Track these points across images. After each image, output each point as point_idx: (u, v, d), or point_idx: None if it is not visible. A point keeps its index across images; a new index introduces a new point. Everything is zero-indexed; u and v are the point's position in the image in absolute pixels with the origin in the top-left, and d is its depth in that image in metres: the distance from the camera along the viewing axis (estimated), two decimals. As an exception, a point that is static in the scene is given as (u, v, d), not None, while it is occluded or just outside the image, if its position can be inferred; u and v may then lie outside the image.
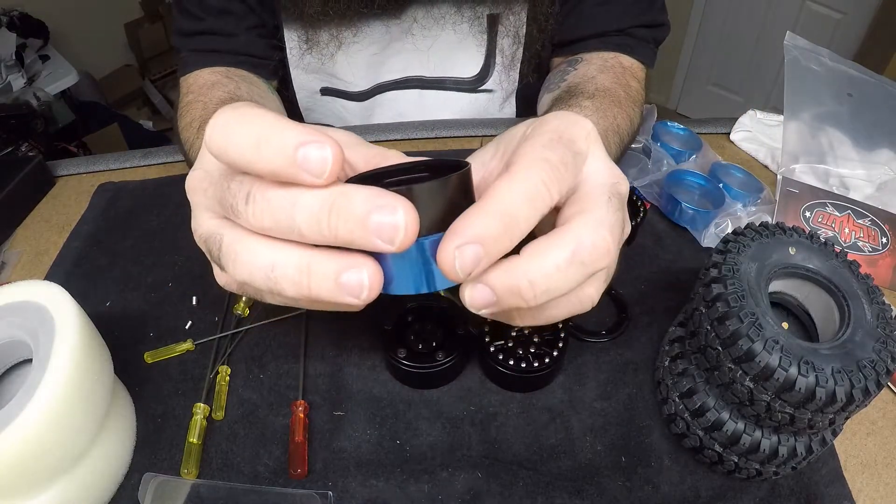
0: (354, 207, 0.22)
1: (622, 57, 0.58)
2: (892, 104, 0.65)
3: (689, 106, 2.58)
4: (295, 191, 0.23)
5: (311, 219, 0.23)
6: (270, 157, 0.22)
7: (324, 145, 0.22)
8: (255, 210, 0.24)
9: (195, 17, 0.60)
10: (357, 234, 0.22)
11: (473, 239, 0.23)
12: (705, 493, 0.38)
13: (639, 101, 0.55)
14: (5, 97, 1.61)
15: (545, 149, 0.27)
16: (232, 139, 0.23)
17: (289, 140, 0.22)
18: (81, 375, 0.33)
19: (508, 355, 0.41)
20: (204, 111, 0.50)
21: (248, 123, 0.23)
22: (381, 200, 0.22)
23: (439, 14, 0.61)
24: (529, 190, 0.25)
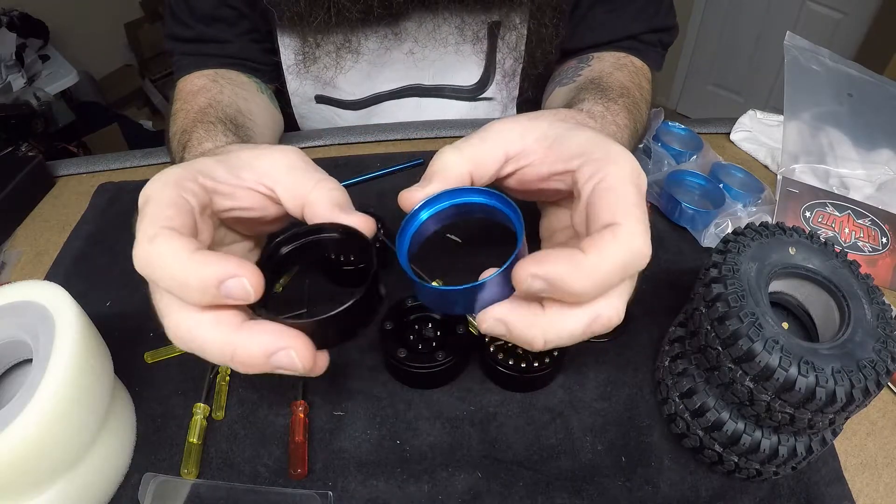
0: (253, 357, 0.25)
1: (633, 58, 0.59)
2: (892, 104, 0.65)
3: (689, 106, 2.58)
4: (196, 331, 0.26)
5: (218, 360, 0.26)
6: (196, 297, 0.25)
7: (239, 277, 0.24)
8: (171, 335, 0.27)
9: (186, 24, 0.59)
10: (265, 370, 0.25)
11: (551, 278, 0.24)
12: (705, 493, 0.38)
13: (649, 102, 0.56)
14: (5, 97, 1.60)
15: (643, 213, 0.27)
16: (157, 275, 0.26)
17: (209, 279, 0.24)
18: (81, 375, 0.33)
19: (508, 355, 0.41)
20: (184, 120, 0.50)
21: (168, 262, 0.25)
22: (276, 344, 0.25)
23: (439, 36, 0.60)
24: (632, 259, 0.26)
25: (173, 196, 0.28)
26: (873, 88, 0.66)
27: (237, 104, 0.54)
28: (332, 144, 0.66)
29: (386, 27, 0.59)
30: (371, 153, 0.64)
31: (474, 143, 0.31)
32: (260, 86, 0.62)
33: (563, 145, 0.30)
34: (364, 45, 0.60)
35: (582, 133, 0.31)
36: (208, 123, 0.48)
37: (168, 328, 0.26)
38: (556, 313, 0.26)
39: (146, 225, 0.26)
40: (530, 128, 0.31)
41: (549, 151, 0.30)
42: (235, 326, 0.25)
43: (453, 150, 0.30)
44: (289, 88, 0.65)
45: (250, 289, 0.25)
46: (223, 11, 0.58)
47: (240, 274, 0.25)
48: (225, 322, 0.26)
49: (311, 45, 0.59)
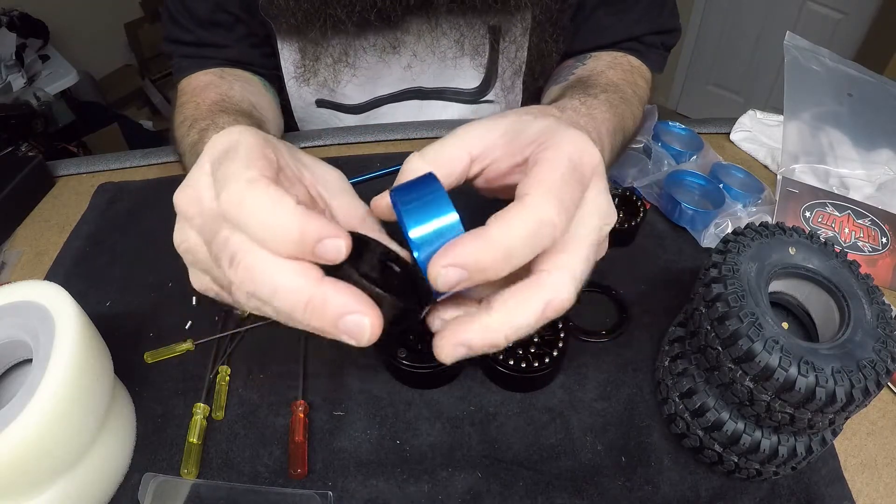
0: (328, 311, 0.24)
1: (630, 57, 0.58)
2: (892, 104, 0.65)
3: (689, 106, 2.58)
4: (276, 276, 0.25)
5: (286, 307, 0.25)
6: (281, 243, 0.24)
7: (336, 241, 0.24)
8: (237, 277, 0.25)
9: (185, 28, 0.59)
10: (328, 329, 0.25)
11: (462, 263, 0.24)
12: (705, 493, 0.38)
13: (644, 100, 0.55)
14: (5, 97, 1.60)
15: (562, 184, 0.26)
16: (249, 219, 0.25)
17: (305, 232, 0.24)
18: (81, 375, 0.33)
19: (508, 355, 0.41)
20: (196, 110, 0.49)
21: (268, 208, 0.24)
22: (354, 307, 0.24)
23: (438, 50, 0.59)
24: (537, 229, 0.25)
25: (263, 148, 0.27)
26: (873, 88, 0.66)
27: (249, 99, 0.54)
28: (332, 144, 0.66)
29: (384, 40, 0.58)
30: (371, 153, 0.64)
31: (436, 147, 0.31)
32: (265, 84, 0.62)
33: (520, 136, 0.30)
34: (362, 59, 0.60)
35: (540, 122, 0.30)
36: (233, 113, 0.47)
37: (240, 266, 0.25)
38: (506, 310, 0.26)
39: (239, 167, 0.25)
40: (492, 126, 0.31)
41: (509, 145, 0.30)
42: (317, 279, 0.25)
43: (417, 155, 0.30)
44: (289, 93, 0.65)
45: (344, 252, 0.24)
46: (220, 17, 0.58)
47: (340, 236, 0.24)
48: (307, 273, 0.25)
49: (310, 57, 0.59)
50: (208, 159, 0.28)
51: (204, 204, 0.27)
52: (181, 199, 0.28)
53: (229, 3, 0.57)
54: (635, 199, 0.54)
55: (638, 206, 0.54)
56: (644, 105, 0.56)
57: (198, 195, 0.27)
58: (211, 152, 0.28)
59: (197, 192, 0.27)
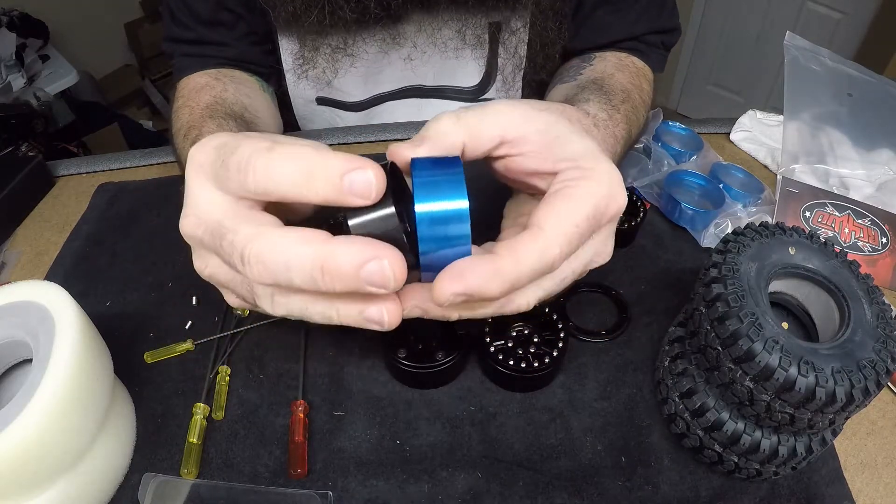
0: (343, 266, 0.24)
1: (635, 59, 0.58)
2: (892, 104, 0.65)
3: (689, 106, 2.58)
4: (284, 251, 0.25)
5: (307, 279, 0.25)
6: (320, 187, 0.24)
7: (365, 170, 0.24)
8: (253, 272, 0.25)
9: (186, 27, 0.59)
10: (353, 286, 0.24)
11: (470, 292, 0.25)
12: (705, 493, 0.38)
13: (648, 105, 0.56)
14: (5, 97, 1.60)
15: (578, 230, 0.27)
16: (281, 177, 0.25)
17: (333, 170, 0.24)
18: (81, 375, 0.33)
19: (508, 355, 0.41)
20: (191, 116, 0.50)
21: (294, 159, 0.25)
22: (370, 252, 0.24)
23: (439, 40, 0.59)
24: (542, 265, 0.26)
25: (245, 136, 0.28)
26: (873, 88, 0.66)
27: (242, 101, 0.54)
28: (333, 144, 0.66)
29: (384, 30, 0.58)
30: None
31: (474, 115, 0.30)
32: (262, 84, 0.62)
33: (562, 147, 0.30)
34: (362, 49, 0.60)
35: (583, 141, 0.30)
36: (219, 118, 0.47)
37: (252, 257, 0.25)
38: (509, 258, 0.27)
39: (252, 145, 0.26)
40: (533, 117, 0.31)
41: (547, 149, 0.30)
42: (324, 239, 0.25)
43: (451, 116, 0.30)
44: (290, 90, 0.65)
45: (374, 183, 0.24)
46: (222, 15, 0.58)
47: (367, 167, 0.24)
48: (312, 238, 0.25)
49: (309, 48, 0.59)
50: (196, 172, 0.28)
51: (204, 218, 0.28)
52: (185, 227, 0.29)
53: (230, 1, 0.57)
54: (635, 199, 0.54)
55: (638, 206, 0.54)
56: (648, 109, 0.56)
57: (197, 214, 0.28)
58: (197, 165, 0.28)
59: (196, 211, 0.28)
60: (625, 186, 0.30)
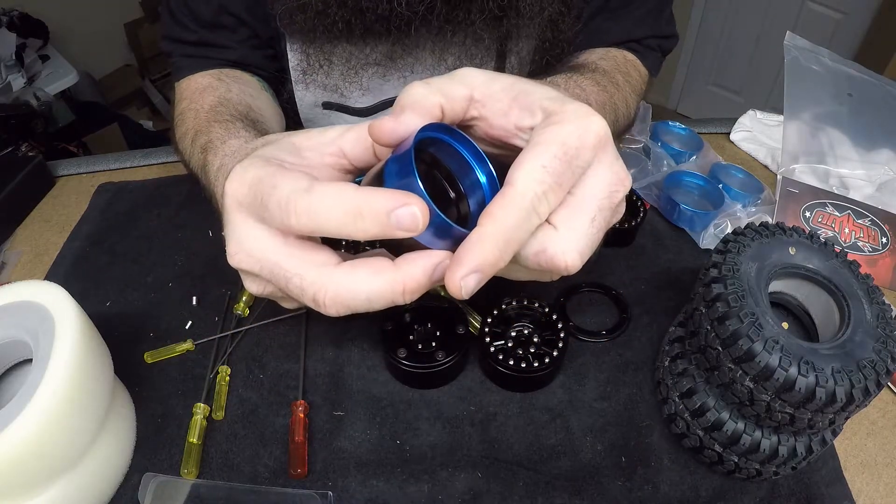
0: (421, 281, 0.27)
1: (625, 52, 0.59)
2: (892, 104, 0.65)
3: (689, 106, 2.58)
4: (363, 287, 0.27)
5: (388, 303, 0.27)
6: (369, 227, 0.25)
7: (411, 206, 0.25)
8: (331, 311, 0.28)
9: (187, 28, 0.59)
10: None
11: (475, 268, 0.26)
12: (705, 493, 0.38)
13: (638, 91, 0.55)
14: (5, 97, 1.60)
15: (546, 168, 0.27)
16: (327, 220, 0.26)
17: (380, 209, 0.25)
18: (81, 375, 0.33)
19: (508, 355, 0.41)
20: (196, 120, 0.49)
21: (337, 201, 0.26)
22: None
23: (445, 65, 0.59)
24: (523, 215, 0.27)
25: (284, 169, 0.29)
26: (873, 88, 0.66)
27: (246, 101, 0.54)
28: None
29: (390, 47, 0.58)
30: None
31: (441, 78, 0.31)
32: (262, 84, 0.62)
33: (528, 97, 0.30)
34: (366, 65, 0.60)
35: (545, 89, 0.31)
36: (226, 122, 0.47)
37: (328, 301, 0.27)
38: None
39: (290, 185, 0.27)
40: (497, 77, 0.31)
41: (514, 102, 0.31)
42: (392, 267, 0.27)
43: (420, 83, 0.30)
44: (295, 94, 0.65)
45: (420, 216, 0.25)
46: (224, 19, 0.58)
47: (410, 203, 0.25)
48: (382, 269, 0.27)
49: (314, 63, 0.59)
50: (236, 208, 0.29)
51: (258, 256, 0.29)
52: (238, 264, 0.30)
53: (233, 6, 0.57)
54: (635, 200, 0.54)
55: (637, 207, 0.54)
56: (639, 95, 0.56)
57: (248, 251, 0.29)
58: (235, 201, 0.29)
59: (246, 248, 0.29)
60: None
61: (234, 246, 0.30)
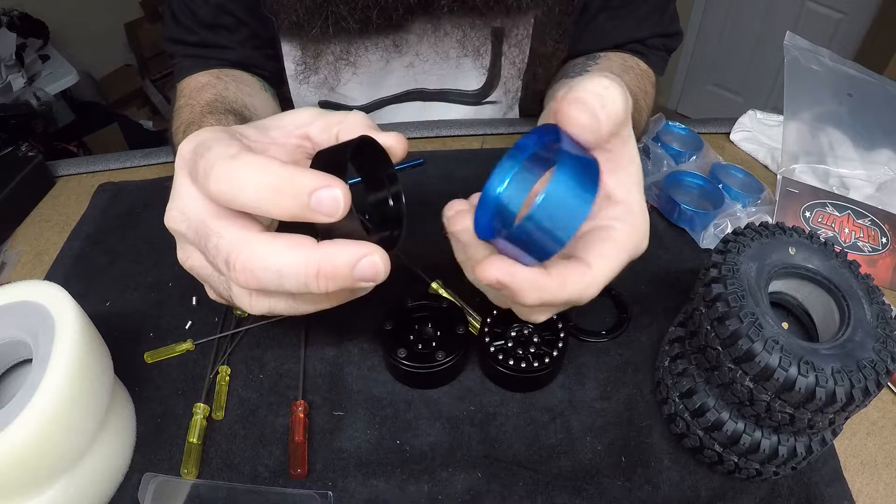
0: (340, 269, 0.25)
1: (639, 60, 0.59)
2: (892, 104, 0.65)
3: (689, 106, 2.58)
4: (276, 260, 0.25)
5: (300, 285, 0.25)
6: (286, 204, 0.24)
7: (333, 188, 0.24)
8: (239, 279, 0.26)
9: (188, 29, 0.59)
10: (346, 285, 0.25)
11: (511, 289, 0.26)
12: (705, 493, 0.38)
13: (650, 108, 0.56)
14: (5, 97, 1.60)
15: (616, 269, 0.29)
16: (243, 189, 0.25)
17: (302, 187, 0.24)
18: (81, 375, 0.33)
19: (508, 355, 0.41)
20: (191, 113, 0.50)
21: (258, 171, 0.25)
22: (361, 251, 0.25)
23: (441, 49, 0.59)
24: (581, 296, 0.28)
25: (229, 137, 0.28)
26: (873, 88, 0.66)
27: (243, 100, 0.54)
28: (332, 144, 0.66)
29: (386, 39, 0.58)
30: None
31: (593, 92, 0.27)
32: (263, 83, 0.62)
33: (626, 172, 0.30)
34: (364, 58, 0.60)
35: (638, 175, 0.31)
36: (219, 114, 0.48)
37: (238, 264, 0.25)
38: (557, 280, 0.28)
39: (219, 150, 0.26)
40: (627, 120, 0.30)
41: (618, 164, 0.30)
42: (313, 245, 0.25)
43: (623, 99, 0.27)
44: (292, 94, 0.65)
45: (341, 201, 0.24)
46: (224, 19, 0.58)
47: (333, 185, 0.24)
48: (301, 244, 0.25)
49: (311, 55, 0.59)
50: (181, 167, 0.28)
51: (189, 214, 0.28)
52: (169, 221, 0.29)
53: (233, 6, 0.57)
54: (635, 199, 0.54)
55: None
56: (650, 114, 0.56)
57: (181, 208, 0.28)
58: (181, 160, 0.28)
59: (180, 206, 0.28)
60: None
61: (171, 202, 0.29)
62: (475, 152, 0.65)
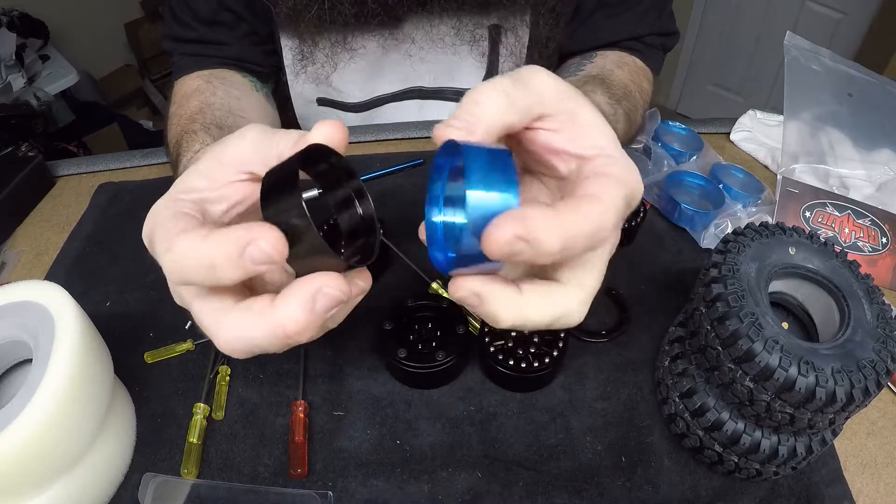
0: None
1: (635, 58, 0.59)
2: (892, 104, 0.65)
3: (689, 106, 2.58)
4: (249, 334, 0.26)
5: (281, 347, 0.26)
6: (229, 274, 0.24)
7: (257, 242, 0.24)
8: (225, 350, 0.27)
9: (187, 26, 0.59)
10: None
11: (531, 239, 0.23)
12: (705, 493, 0.38)
13: (647, 104, 0.56)
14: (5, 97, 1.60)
15: (623, 205, 0.27)
16: (188, 274, 0.26)
17: (229, 253, 0.24)
18: (81, 375, 0.33)
19: (508, 355, 0.41)
20: (177, 127, 0.50)
21: (190, 256, 0.25)
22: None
23: (436, 37, 0.59)
24: (598, 233, 0.25)
25: (173, 212, 0.29)
26: (873, 88, 0.66)
27: (229, 105, 0.54)
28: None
29: (382, 27, 0.59)
30: (371, 153, 0.64)
31: (522, 92, 0.28)
32: (255, 84, 0.63)
33: (591, 136, 0.29)
34: (360, 45, 0.60)
35: (607, 133, 0.30)
36: (192, 133, 0.48)
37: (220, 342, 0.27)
38: (529, 300, 0.26)
39: (158, 246, 0.27)
40: (568, 95, 0.30)
41: (576, 131, 0.29)
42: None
43: (501, 94, 0.27)
44: (290, 90, 0.65)
45: (270, 249, 0.24)
46: (223, 15, 0.58)
47: (257, 238, 0.24)
48: (262, 311, 0.26)
49: (308, 43, 0.59)
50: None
51: (169, 279, 0.29)
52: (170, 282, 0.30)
53: (232, 2, 0.57)
54: (635, 199, 0.54)
55: (638, 207, 0.54)
56: (646, 109, 0.56)
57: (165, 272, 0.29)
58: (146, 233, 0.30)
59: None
60: None
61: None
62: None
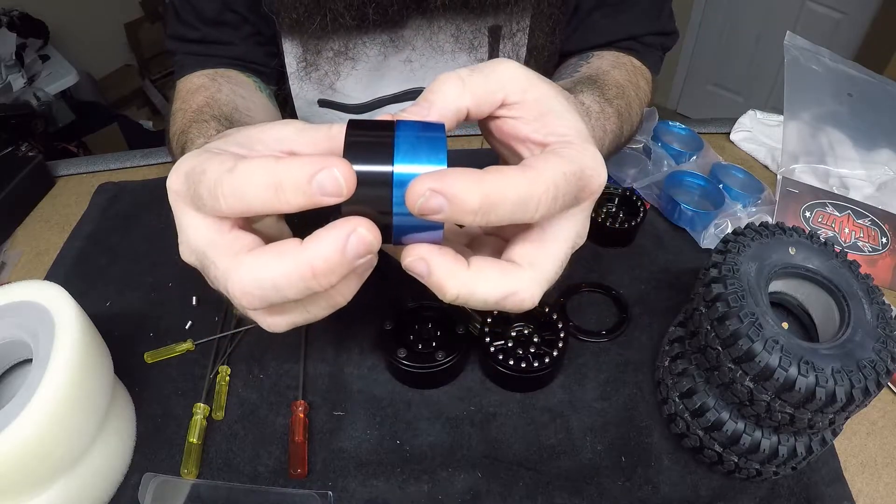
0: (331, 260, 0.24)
1: (632, 58, 0.59)
2: (892, 104, 0.65)
3: (689, 106, 2.58)
4: (266, 273, 0.25)
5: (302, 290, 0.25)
6: (290, 198, 0.24)
7: (331, 169, 0.23)
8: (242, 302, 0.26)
9: (191, 26, 0.59)
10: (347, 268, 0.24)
11: (448, 195, 0.23)
12: (705, 493, 0.38)
13: (644, 103, 0.56)
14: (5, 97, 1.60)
15: (564, 181, 0.26)
16: (249, 196, 0.24)
17: (299, 178, 0.23)
18: (81, 375, 0.33)
19: (508, 355, 0.41)
20: (182, 120, 0.50)
21: (257, 174, 0.24)
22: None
23: (436, 43, 0.59)
24: (525, 199, 0.25)
25: (216, 154, 0.27)
26: (873, 88, 0.66)
27: (235, 102, 0.55)
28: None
29: (383, 34, 0.59)
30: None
31: (479, 78, 0.29)
32: (259, 84, 0.63)
33: (555, 122, 0.30)
34: (362, 53, 0.60)
35: (575, 122, 0.30)
36: (202, 122, 0.48)
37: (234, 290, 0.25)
38: (477, 274, 0.26)
39: (216, 166, 0.25)
40: (534, 85, 0.30)
41: (541, 119, 0.30)
42: (297, 246, 0.24)
43: (457, 80, 0.28)
44: (292, 92, 0.65)
45: (342, 179, 0.23)
46: (227, 16, 0.59)
47: (331, 165, 0.23)
48: (285, 250, 0.25)
49: (312, 52, 0.59)
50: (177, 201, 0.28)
51: (193, 247, 0.27)
52: (183, 256, 0.29)
53: (236, 3, 0.58)
54: (635, 200, 0.54)
55: (638, 207, 0.54)
56: (644, 108, 0.56)
57: (187, 242, 0.28)
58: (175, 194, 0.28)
59: (185, 239, 0.28)
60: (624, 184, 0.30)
61: (180, 237, 0.28)
62: (475, 152, 0.65)
